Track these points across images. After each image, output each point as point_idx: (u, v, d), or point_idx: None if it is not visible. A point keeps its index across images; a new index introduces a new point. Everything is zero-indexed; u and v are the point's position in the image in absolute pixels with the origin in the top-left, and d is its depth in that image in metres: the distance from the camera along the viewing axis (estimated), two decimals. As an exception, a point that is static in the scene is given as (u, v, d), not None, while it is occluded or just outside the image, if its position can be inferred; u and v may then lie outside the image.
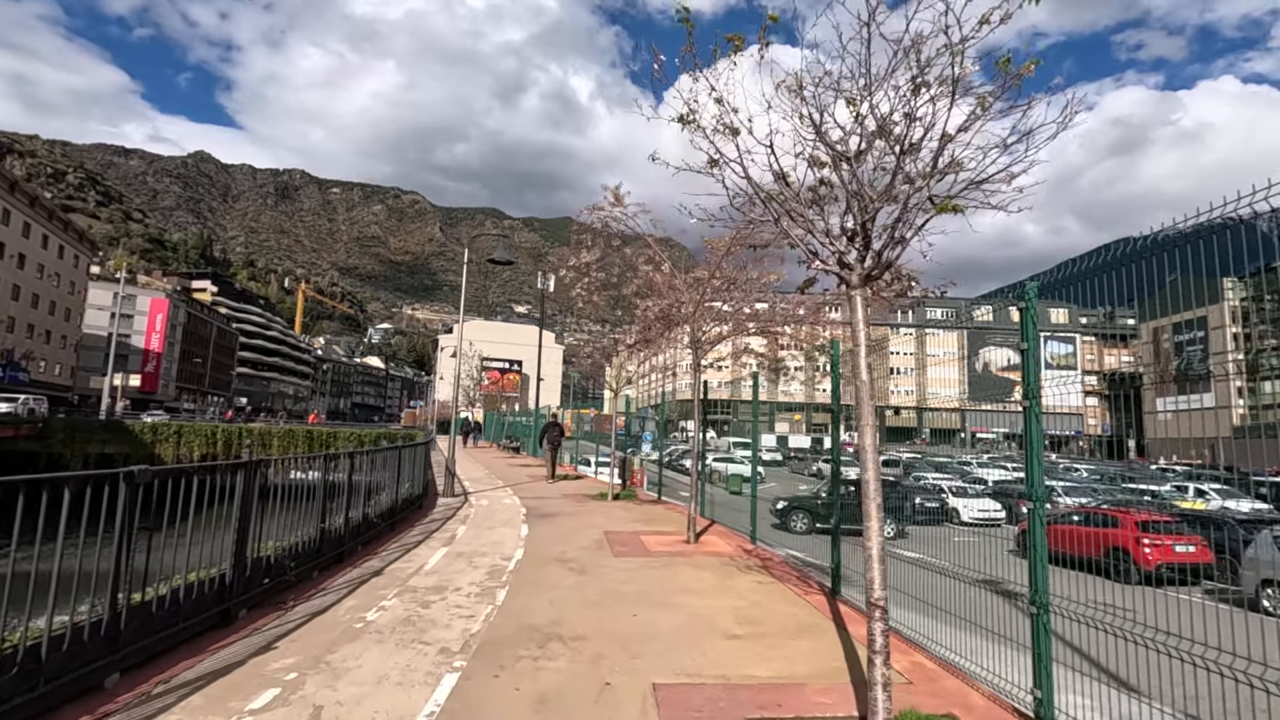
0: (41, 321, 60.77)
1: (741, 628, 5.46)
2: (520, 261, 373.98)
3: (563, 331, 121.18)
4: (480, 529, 10.08)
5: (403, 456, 10.48)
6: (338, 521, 7.29)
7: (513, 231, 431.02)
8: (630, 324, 12.10)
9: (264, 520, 5.72)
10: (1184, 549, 14.30)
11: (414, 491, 11.53)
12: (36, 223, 58.46)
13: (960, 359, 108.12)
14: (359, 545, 8.02)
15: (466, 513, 11.78)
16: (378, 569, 7.15)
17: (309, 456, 6.95)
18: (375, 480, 9.03)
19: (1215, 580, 13.45)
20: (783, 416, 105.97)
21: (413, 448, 11.61)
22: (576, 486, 17.46)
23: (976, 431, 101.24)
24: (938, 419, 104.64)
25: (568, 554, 8.33)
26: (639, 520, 11.59)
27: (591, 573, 7.32)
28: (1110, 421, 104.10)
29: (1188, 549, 14.16)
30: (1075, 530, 15.43)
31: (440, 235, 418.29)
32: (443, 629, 5.17)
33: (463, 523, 10.61)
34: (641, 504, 14.10)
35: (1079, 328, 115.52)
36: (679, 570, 7.60)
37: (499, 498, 14.36)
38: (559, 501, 13.99)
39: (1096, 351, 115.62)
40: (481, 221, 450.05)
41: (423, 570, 7.18)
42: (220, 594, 4.97)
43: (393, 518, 9.65)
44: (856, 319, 3.58)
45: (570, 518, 11.61)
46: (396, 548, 8.38)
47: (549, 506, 13.07)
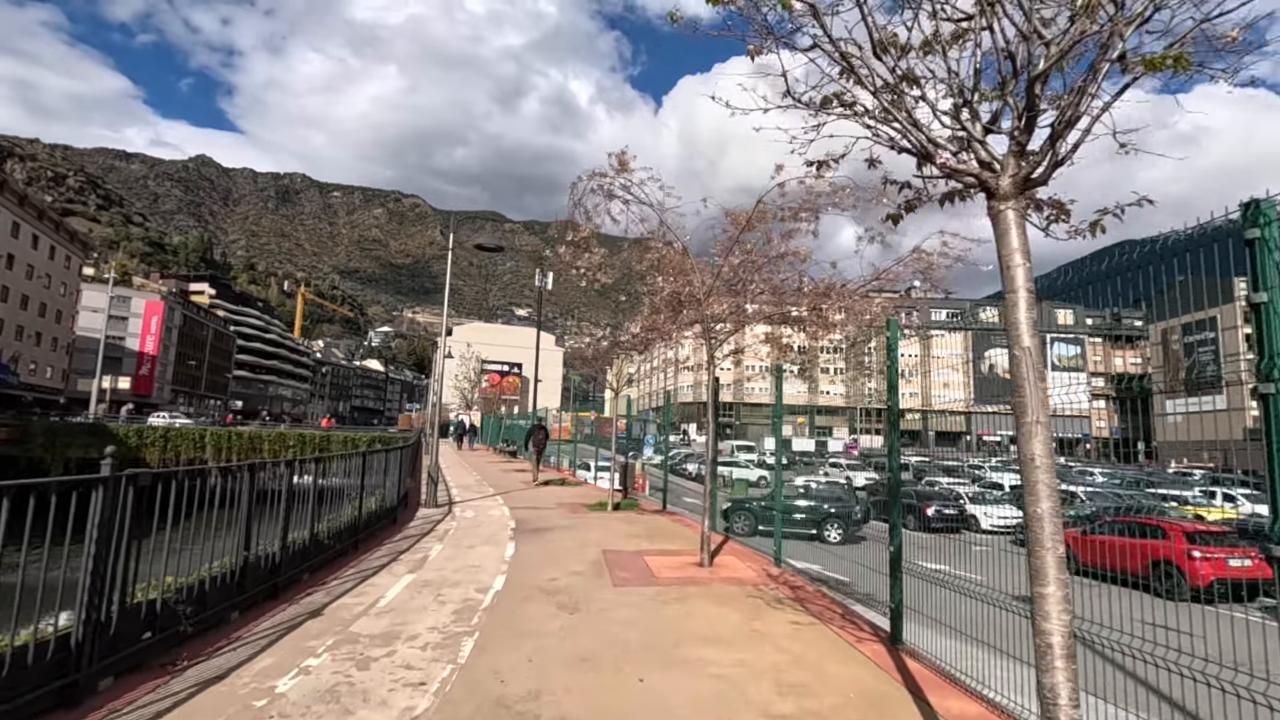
0: (31, 323, 59.49)
1: (786, 700, 4.02)
2: (521, 264, 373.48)
3: (563, 334, 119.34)
4: (459, 548, 8.64)
5: (370, 463, 9.06)
6: (270, 547, 5.87)
7: (513, 234, 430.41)
8: (631, 321, 10.69)
9: (154, 547, 4.31)
10: (1239, 563, 12.81)
11: (386, 503, 10.11)
12: (26, 223, 57.22)
13: (965, 361, 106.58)
14: (305, 573, 6.60)
15: (447, 527, 10.35)
16: (319, 606, 5.72)
17: (237, 466, 5.54)
18: (333, 490, 7.62)
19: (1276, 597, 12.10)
20: (784, 419, 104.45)
21: (385, 453, 10.20)
22: (574, 494, 16.03)
23: (983, 435, 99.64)
24: (942, 422, 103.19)
25: (558, 582, 6.90)
26: (642, 536, 10.16)
27: (585, 610, 5.89)
28: (1118, 424, 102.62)
29: (1244, 563, 12.69)
30: (1113, 542, 13.97)
31: (440, 238, 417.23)
32: (375, 709, 3.74)
33: (440, 540, 9.18)
34: (645, 515, 12.66)
35: (1086, 329, 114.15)
36: (694, 606, 6.17)
37: (486, 508, 12.93)
38: (553, 513, 12.55)
39: (1104, 353, 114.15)
40: (482, 225, 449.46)
41: (375, 608, 5.75)
42: (62, 662, 3.55)
43: (355, 535, 8.22)
44: (1011, 247, 2.17)
45: (565, 533, 10.18)
46: (353, 575, 6.96)
47: (542, 518, 11.63)
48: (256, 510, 5.62)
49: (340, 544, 7.64)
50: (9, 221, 54.72)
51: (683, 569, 7.77)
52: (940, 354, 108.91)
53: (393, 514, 10.48)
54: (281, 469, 6.32)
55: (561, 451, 26.34)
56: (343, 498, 7.83)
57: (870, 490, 24.06)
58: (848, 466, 40.53)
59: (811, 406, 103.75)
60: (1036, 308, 2.14)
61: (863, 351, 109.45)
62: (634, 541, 9.61)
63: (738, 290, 8.73)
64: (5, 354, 53.08)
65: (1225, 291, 39.75)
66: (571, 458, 24.64)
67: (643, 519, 12.13)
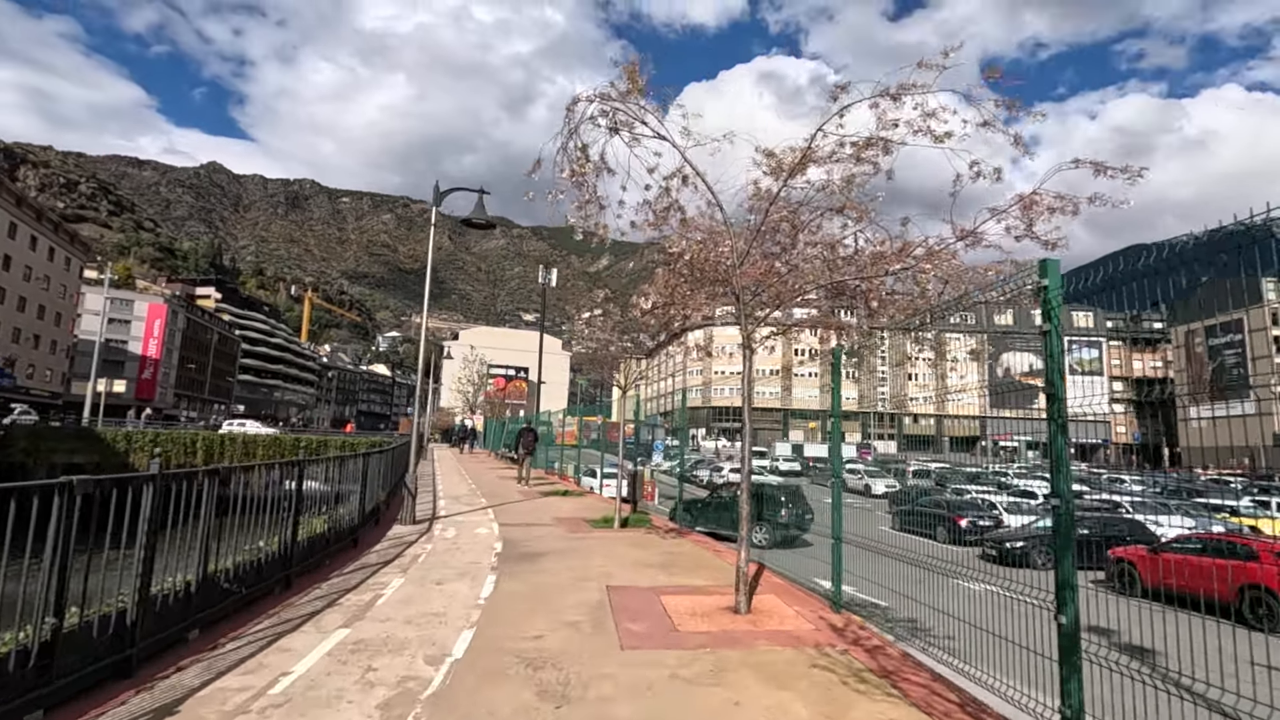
0: (30, 326, 58.41)
1: None
2: (529, 269, 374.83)
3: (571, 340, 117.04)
4: (423, 585, 6.75)
5: (311, 472, 7.19)
6: (120, 602, 3.99)
7: (521, 240, 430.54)
8: (641, 294, 8.77)
9: None
10: (1349, 589, 10.85)
11: (343, 524, 8.25)
12: (24, 223, 56.19)
13: (981, 363, 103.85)
14: (191, 630, 4.73)
15: (418, 552, 8.47)
16: (182, 694, 3.83)
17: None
18: (257, 505, 5.76)
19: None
20: (796, 424, 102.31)
21: (338, 461, 8.32)
22: (576, 507, 14.12)
23: (999, 439, 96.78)
24: (957, 426, 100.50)
25: (544, 643, 4.98)
26: (656, 564, 8.23)
27: (579, 698, 3.96)
28: (1140, 429, 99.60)
29: (1353, 589, 10.70)
30: (1191, 563, 11.85)
31: (449, 244, 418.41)
32: None
33: (402, 572, 7.29)
34: (658, 533, 10.72)
35: (1106, 332, 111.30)
36: (738, 686, 4.23)
37: (473, 525, 11.04)
38: (550, 531, 10.64)
39: (1124, 356, 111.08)
40: (490, 230, 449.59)
41: (265, 697, 3.85)
42: None
43: (287, 569, 6.35)
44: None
45: (561, 560, 8.27)
46: (265, 630, 5.07)
47: (535, 539, 9.73)
48: (91, 540, 3.75)
49: (256, 584, 5.76)
50: (6, 222, 53.68)
51: (713, 617, 5.83)
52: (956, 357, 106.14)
53: (352, 535, 8.60)
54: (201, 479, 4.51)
55: (565, 458, 24.44)
56: (264, 520, 5.95)
57: (894, 500, 22.00)
58: (866, 474, 38.36)
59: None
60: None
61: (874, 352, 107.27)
62: (646, 572, 7.69)
63: (778, 255, 6.83)
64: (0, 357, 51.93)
65: (1252, 293, 37.78)
66: (576, 464, 22.75)
67: (656, 540, 10.19)
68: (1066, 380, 3.53)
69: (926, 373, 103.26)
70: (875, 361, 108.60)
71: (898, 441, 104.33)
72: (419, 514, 11.85)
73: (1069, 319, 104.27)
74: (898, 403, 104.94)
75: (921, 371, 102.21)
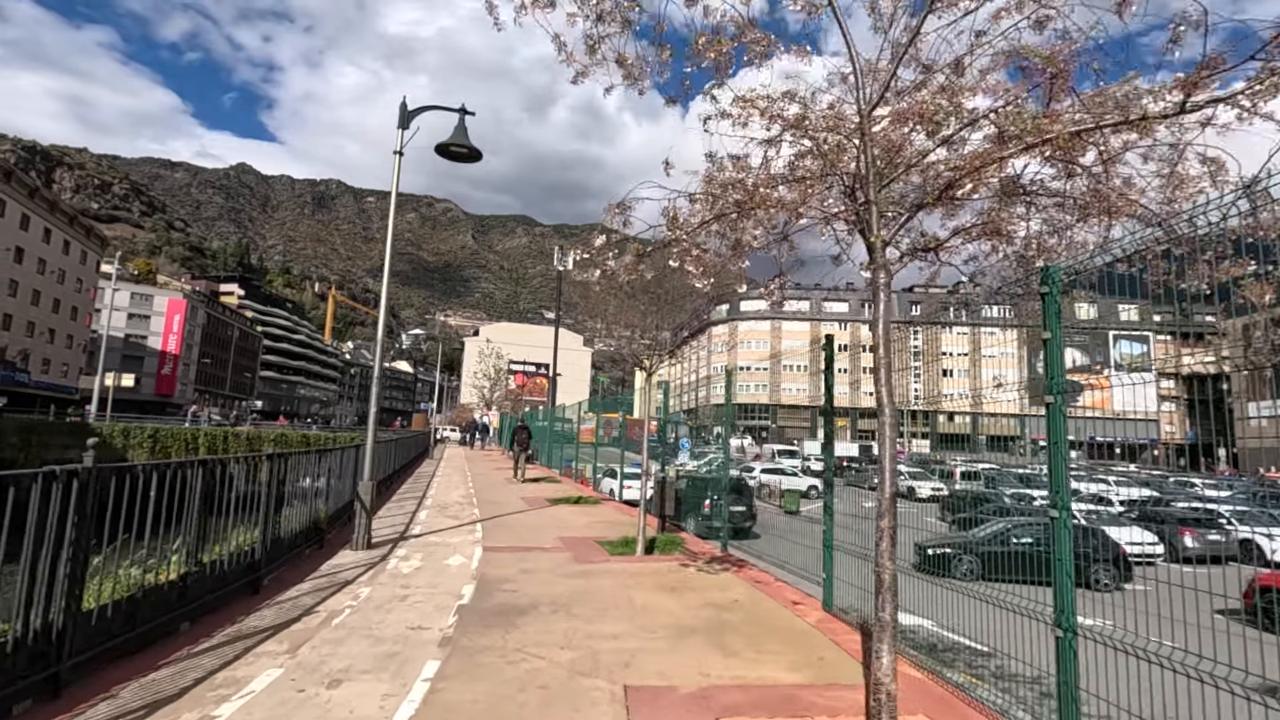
0: (44, 319, 57.56)
1: None
2: (550, 268, 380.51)
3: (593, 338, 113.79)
4: (303, 688, 3.90)
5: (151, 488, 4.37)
6: None
7: (544, 238, 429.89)
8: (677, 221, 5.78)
9: None
10: None
11: (236, 562, 5.45)
12: (37, 215, 55.23)
13: (1019, 359, 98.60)
14: None
15: (343, 603, 5.64)
16: None
17: None
18: None
19: None
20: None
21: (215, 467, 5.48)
22: (588, 520, 11.24)
23: (1039, 439, 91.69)
24: (993, 425, 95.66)
25: None
26: (703, 627, 5.28)
27: None
28: (1191, 428, 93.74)
29: None
30: None
31: (473, 243, 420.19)
32: None
33: (290, 652, 4.44)
34: (695, 564, 7.76)
35: (1153, 325, 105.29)
36: None
37: (447, 550, 8.20)
38: (550, 560, 7.75)
39: (1172, 350, 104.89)
40: (513, 229, 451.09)
41: None
42: None
43: (55, 662, 3.55)
44: None
45: (554, 620, 5.37)
46: None
47: (525, 576, 6.85)
48: None
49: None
50: (19, 214, 52.70)
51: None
52: (991, 353, 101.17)
53: (251, 577, 5.79)
54: None
55: (581, 457, 21.60)
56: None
57: (946, 506, 18.70)
58: (909, 474, 34.76)
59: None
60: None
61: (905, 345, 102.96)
62: (689, 649, 4.75)
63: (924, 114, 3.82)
64: (11, 350, 50.91)
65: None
66: (593, 464, 19.89)
67: (694, 576, 7.25)
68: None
69: (958, 368, 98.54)
70: (907, 357, 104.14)
71: (931, 440, 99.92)
72: (384, 533, 9.08)
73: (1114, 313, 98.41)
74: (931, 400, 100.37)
75: (954, 367, 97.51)
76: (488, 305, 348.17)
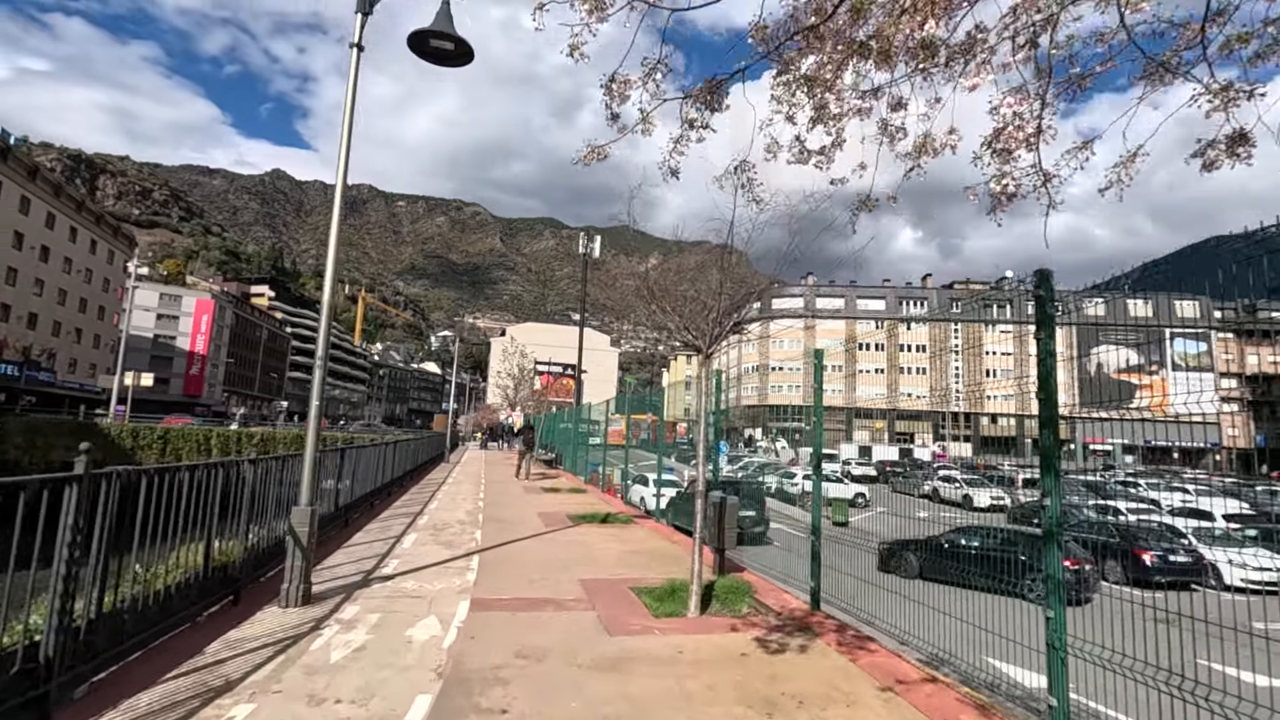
0: (70, 319, 57.26)
1: None
2: (578, 270, 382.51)
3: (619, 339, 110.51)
4: None
5: None
6: None
7: (571, 240, 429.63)
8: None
9: None
10: None
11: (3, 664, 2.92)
12: (62, 214, 54.89)
13: (1069, 359, 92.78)
14: None
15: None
16: None
17: None
18: None
19: None
20: (862, 424, 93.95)
21: None
22: (620, 551, 8.55)
23: (1090, 443, 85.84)
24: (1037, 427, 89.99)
25: None
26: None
27: None
28: (1257, 431, 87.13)
29: None
30: None
31: (500, 245, 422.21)
32: None
33: None
34: (777, 638, 5.02)
35: (1214, 323, 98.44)
36: None
37: (415, 610, 5.57)
38: (565, 630, 5.06)
39: (1236, 350, 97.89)
40: (540, 231, 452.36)
41: None
42: None
43: None
44: None
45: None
46: None
47: (523, 678, 4.17)
48: None
49: None
50: (44, 212, 52.32)
51: None
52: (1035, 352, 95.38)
53: (30, 689, 3.26)
54: None
55: (610, 460, 18.97)
56: None
57: (1014, 517, 15.50)
58: (965, 482, 31.13)
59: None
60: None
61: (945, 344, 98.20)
62: None
63: None
64: (35, 348, 50.47)
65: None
66: (623, 468, 17.21)
67: (793, 670, 4.50)
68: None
69: (1000, 368, 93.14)
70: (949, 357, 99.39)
71: (973, 443, 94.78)
72: (342, 571, 6.54)
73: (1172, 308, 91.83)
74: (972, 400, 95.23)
75: (996, 367, 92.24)
76: (515, 307, 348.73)
